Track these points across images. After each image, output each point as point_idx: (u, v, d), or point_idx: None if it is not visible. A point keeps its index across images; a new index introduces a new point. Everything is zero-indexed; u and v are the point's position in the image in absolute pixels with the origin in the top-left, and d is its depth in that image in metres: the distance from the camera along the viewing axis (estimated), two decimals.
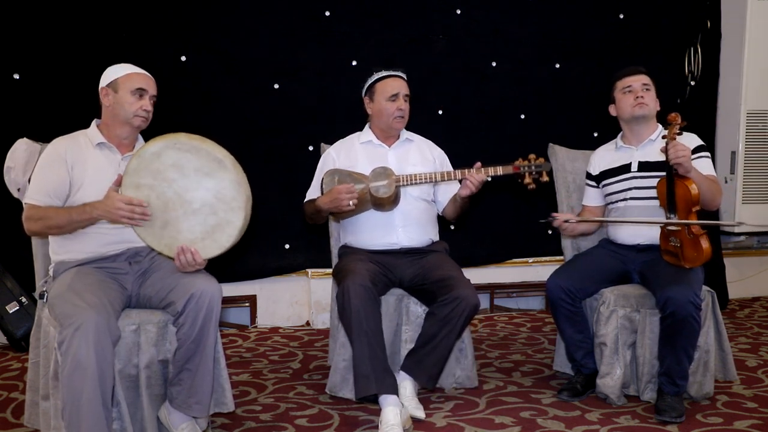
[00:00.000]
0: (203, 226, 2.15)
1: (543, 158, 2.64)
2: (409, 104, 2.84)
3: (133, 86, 2.32)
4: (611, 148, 2.90)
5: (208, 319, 2.17)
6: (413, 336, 2.70)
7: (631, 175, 2.76)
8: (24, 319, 3.41)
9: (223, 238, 2.16)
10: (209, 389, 2.25)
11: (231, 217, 2.14)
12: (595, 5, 4.27)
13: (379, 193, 2.66)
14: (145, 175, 2.12)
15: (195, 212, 2.14)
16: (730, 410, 2.57)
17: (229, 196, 2.12)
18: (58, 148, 2.29)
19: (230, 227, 2.15)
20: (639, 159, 2.76)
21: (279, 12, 3.80)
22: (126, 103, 2.31)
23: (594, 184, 2.92)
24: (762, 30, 4.25)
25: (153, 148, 2.10)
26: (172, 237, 2.16)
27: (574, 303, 2.68)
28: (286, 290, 3.98)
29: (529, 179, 2.60)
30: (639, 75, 2.76)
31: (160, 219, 2.15)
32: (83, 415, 1.93)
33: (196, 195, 2.13)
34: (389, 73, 2.82)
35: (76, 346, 1.93)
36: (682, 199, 2.46)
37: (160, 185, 2.12)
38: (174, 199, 2.13)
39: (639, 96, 2.72)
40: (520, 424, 2.46)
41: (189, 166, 2.11)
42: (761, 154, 4.32)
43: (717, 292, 2.82)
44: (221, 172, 2.11)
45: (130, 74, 2.34)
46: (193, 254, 2.16)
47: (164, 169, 2.11)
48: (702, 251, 2.45)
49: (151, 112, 2.37)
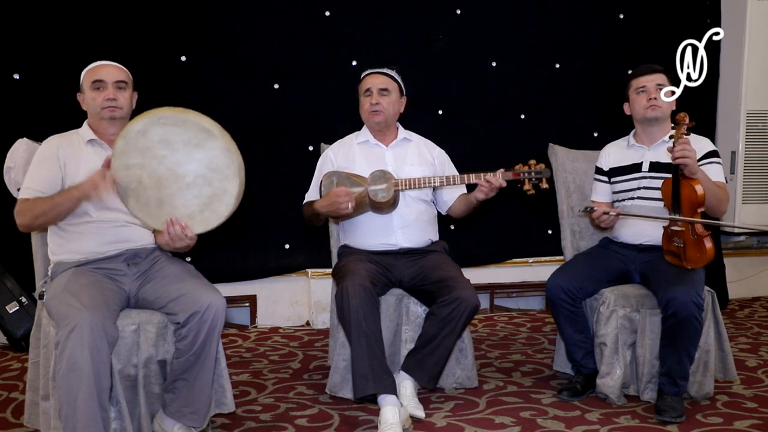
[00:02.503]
0: (199, 198, 2.11)
1: (543, 164, 2.62)
2: (397, 99, 2.81)
3: (90, 81, 2.32)
4: (623, 145, 2.86)
5: (211, 334, 2.16)
6: (413, 336, 2.70)
7: (642, 175, 2.74)
8: (24, 319, 3.41)
9: (221, 208, 2.12)
10: (207, 400, 2.23)
11: (226, 185, 2.10)
12: (595, 5, 4.27)
13: (377, 197, 2.66)
14: (133, 155, 2.07)
15: (189, 186, 2.10)
16: (730, 410, 2.57)
17: (221, 165, 2.08)
18: (51, 146, 2.31)
19: (227, 196, 2.11)
20: (650, 159, 2.74)
21: (279, 12, 3.80)
22: (90, 100, 2.32)
23: (605, 179, 2.88)
24: (762, 30, 4.25)
25: (137, 126, 2.05)
26: (169, 214, 2.12)
27: (574, 303, 2.68)
28: (286, 290, 3.98)
29: (528, 185, 2.59)
30: (654, 74, 2.70)
31: (155, 197, 2.10)
32: (79, 415, 1.93)
33: (189, 168, 2.08)
34: (370, 71, 2.83)
35: (71, 347, 1.93)
36: (687, 200, 2.45)
37: (150, 163, 2.08)
38: (167, 176, 2.09)
39: (652, 98, 2.67)
40: (520, 424, 2.45)
41: (177, 140, 2.06)
42: (761, 154, 4.32)
43: (717, 292, 2.82)
44: (210, 142, 2.07)
45: (88, 71, 2.35)
46: (183, 228, 2.12)
47: (152, 146, 2.06)
48: (705, 252, 2.44)
49: (122, 99, 2.32)
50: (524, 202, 2.62)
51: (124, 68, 2.39)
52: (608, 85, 4.19)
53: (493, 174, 2.59)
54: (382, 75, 2.80)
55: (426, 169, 2.85)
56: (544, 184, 2.60)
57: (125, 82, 2.36)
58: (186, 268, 2.36)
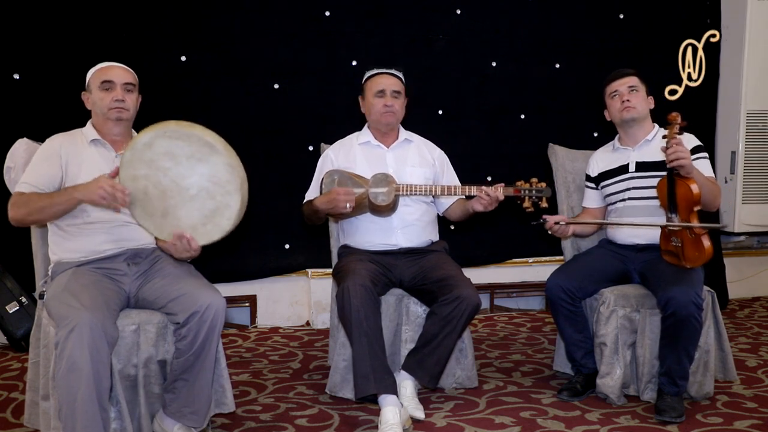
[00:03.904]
0: (202, 211, 2.15)
1: (545, 183, 2.62)
2: (404, 101, 2.83)
3: (99, 81, 2.32)
4: (609, 150, 2.91)
5: (211, 333, 2.16)
6: (413, 336, 2.71)
7: (629, 176, 2.77)
8: (24, 319, 3.41)
9: (223, 222, 2.16)
10: (207, 400, 2.23)
11: (228, 200, 2.14)
12: (595, 5, 4.27)
13: (377, 200, 2.66)
14: (139, 166, 2.11)
15: (192, 198, 2.14)
16: (730, 410, 2.57)
17: (223, 180, 2.12)
18: (54, 144, 2.31)
19: (228, 210, 2.15)
20: (636, 159, 2.77)
21: (279, 12, 3.80)
22: (98, 100, 2.33)
23: (593, 185, 2.93)
24: (762, 30, 4.25)
25: (144, 139, 2.09)
26: (173, 225, 2.16)
27: (574, 303, 2.68)
28: (286, 290, 3.98)
29: (528, 203, 2.60)
30: (624, 78, 2.77)
31: (160, 208, 2.15)
32: (78, 415, 1.93)
33: (192, 181, 2.12)
34: (379, 70, 2.82)
35: (70, 347, 1.93)
36: (683, 199, 2.46)
37: (156, 174, 2.12)
38: (171, 187, 2.13)
39: (625, 100, 2.74)
40: (520, 424, 2.46)
41: (181, 154, 2.10)
42: (761, 154, 4.32)
43: (717, 292, 2.82)
44: (214, 157, 2.10)
45: (96, 71, 2.35)
46: (189, 240, 2.16)
47: (157, 158, 2.10)
48: (703, 251, 2.44)
49: (130, 101, 2.34)
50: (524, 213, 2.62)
51: (131, 71, 2.40)
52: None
53: (494, 188, 2.59)
54: (394, 77, 2.81)
55: (426, 170, 2.85)
56: (544, 203, 2.61)
57: (133, 84, 2.37)
58: (186, 268, 2.36)
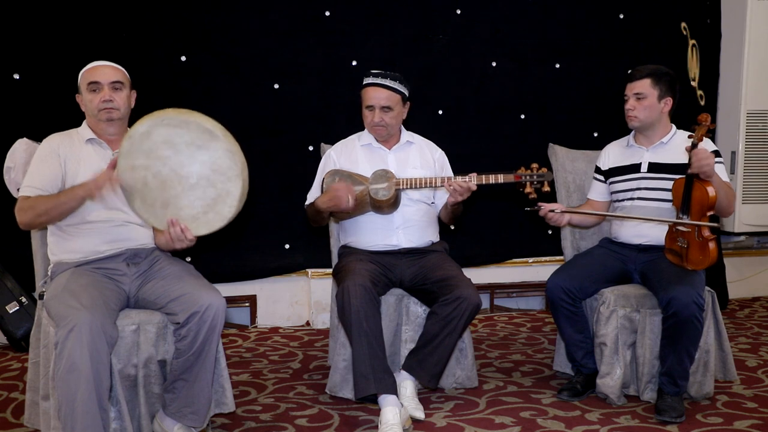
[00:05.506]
0: (203, 200, 2.12)
1: (545, 168, 2.61)
2: (399, 110, 2.76)
3: (86, 83, 2.31)
4: (623, 145, 2.86)
5: (211, 334, 2.16)
6: (413, 336, 2.71)
7: (640, 176, 2.74)
8: (24, 319, 3.41)
9: (225, 210, 2.13)
10: (207, 400, 2.23)
11: (229, 187, 2.11)
12: (595, 5, 4.27)
13: (378, 195, 2.65)
14: (138, 156, 2.08)
15: (193, 187, 2.11)
16: (730, 410, 2.57)
17: (224, 166, 2.09)
18: (51, 144, 2.31)
19: (230, 198, 2.12)
20: (649, 160, 2.74)
21: (279, 12, 3.80)
22: (88, 102, 2.32)
23: (602, 178, 2.89)
24: (762, 30, 4.25)
25: (142, 128, 2.06)
26: (174, 215, 2.13)
27: (574, 303, 2.68)
28: (286, 290, 3.98)
29: (530, 188, 2.58)
30: (634, 82, 2.69)
31: (160, 199, 2.12)
32: (78, 415, 1.93)
33: (192, 169, 2.09)
34: (371, 81, 2.72)
35: (70, 347, 1.93)
36: (697, 202, 2.43)
37: (155, 164, 2.09)
38: (171, 177, 2.10)
39: (628, 108, 2.70)
40: (520, 424, 2.46)
41: (180, 141, 2.07)
42: (761, 154, 4.32)
43: (717, 292, 2.81)
44: (214, 143, 2.07)
45: (84, 72, 2.34)
46: (183, 230, 2.13)
47: (156, 147, 2.07)
48: (708, 255, 2.42)
49: (119, 99, 2.31)
50: (526, 198, 2.60)
51: (120, 68, 2.37)
52: (608, 85, 4.19)
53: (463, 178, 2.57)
54: (385, 89, 2.70)
55: (428, 172, 2.84)
56: (546, 187, 2.59)
57: (121, 82, 2.33)
58: (186, 268, 2.36)
